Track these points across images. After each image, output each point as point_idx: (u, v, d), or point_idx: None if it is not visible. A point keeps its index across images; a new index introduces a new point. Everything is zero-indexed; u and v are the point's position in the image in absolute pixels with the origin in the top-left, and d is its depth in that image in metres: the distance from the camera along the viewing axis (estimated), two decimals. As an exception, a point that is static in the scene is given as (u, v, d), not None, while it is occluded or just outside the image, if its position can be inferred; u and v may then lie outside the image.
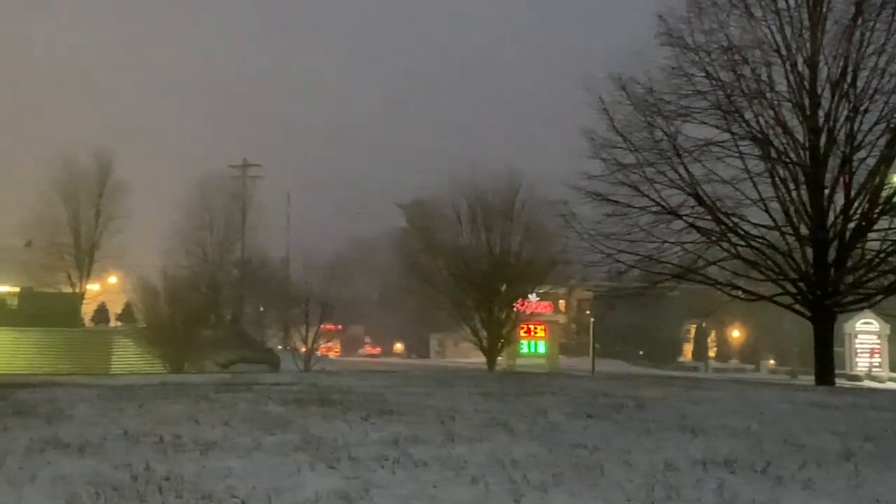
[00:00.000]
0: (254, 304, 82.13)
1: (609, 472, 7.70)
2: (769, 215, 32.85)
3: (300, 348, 66.23)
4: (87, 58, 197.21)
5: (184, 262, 76.70)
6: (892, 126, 31.40)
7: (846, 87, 31.58)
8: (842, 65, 31.47)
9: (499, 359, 51.30)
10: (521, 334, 61.87)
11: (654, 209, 33.63)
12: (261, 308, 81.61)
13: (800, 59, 31.94)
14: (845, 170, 31.95)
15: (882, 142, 31.56)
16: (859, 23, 31.16)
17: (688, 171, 32.92)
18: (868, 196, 31.98)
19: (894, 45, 31.13)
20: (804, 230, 32.21)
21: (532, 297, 55.01)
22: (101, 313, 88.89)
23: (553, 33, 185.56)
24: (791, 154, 32.28)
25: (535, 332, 67.60)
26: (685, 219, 33.57)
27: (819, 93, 31.89)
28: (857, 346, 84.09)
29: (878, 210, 32.02)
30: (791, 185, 32.31)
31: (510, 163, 52.43)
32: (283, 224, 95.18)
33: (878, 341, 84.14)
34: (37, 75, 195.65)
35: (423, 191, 72.49)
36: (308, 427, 10.22)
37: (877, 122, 31.53)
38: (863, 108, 31.50)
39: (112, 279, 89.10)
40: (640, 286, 37.23)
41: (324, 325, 66.52)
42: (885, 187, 32.01)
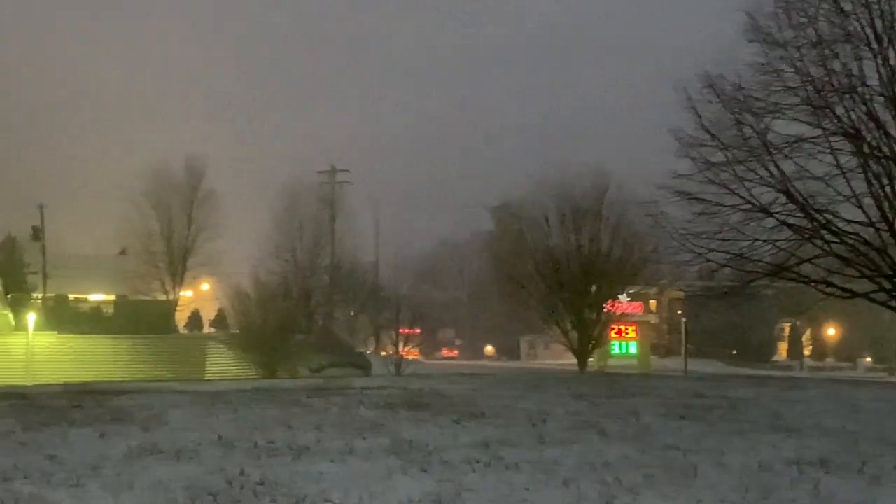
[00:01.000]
0: (344, 309, 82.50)
1: (702, 474, 7.64)
2: (863, 211, 32.28)
3: (390, 352, 66.45)
4: (177, 66, 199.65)
5: (275, 268, 77.26)
6: None
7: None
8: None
9: (590, 360, 50.92)
10: (612, 335, 61.34)
11: (744, 207, 33.20)
12: (351, 312, 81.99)
13: (891, 53, 31.36)
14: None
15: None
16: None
17: (778, 168, 32.47)
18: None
19: None
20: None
21: (623, 297, 54.58)
22: (195, 320, 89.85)
23: (640, 32, 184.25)
24: (884, 149, 31.69)
25: (627, 333, 67.02)
26: (776, 216, 33.10)
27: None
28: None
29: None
30: (885, 181, 31.73)
31: (598, 163, 51.70)
32: (372, 228, 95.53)
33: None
34: (129, 84, 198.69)
35: (511, 193, 72.41)
36: (399, 431, 10.26)
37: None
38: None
39: (204, 286, 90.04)
40: (732, 285, 36.79)
41: (401, 329, 66.66)
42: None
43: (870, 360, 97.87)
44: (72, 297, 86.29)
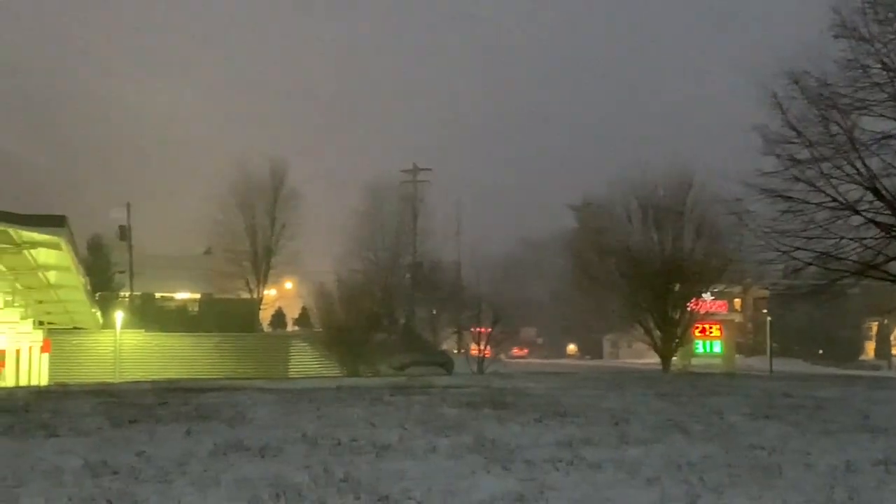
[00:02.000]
0: (426, 308, 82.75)
1: (787, 474, 7.57)
2: (953, 208, 31.76)
3: (472, 351, 66.49)
4: (258, 67, 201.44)
5: (357, 267, 77.82)
6: None
7: None
8: None
9: (673, 359, 50.57)
10: (696, 334, 60.97)
11: (830, 205, 32.79)
12: (433, 311, 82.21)
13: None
14: None
15: None
16: None
17: (865, 165, 32.01)
18: None
19: None
20: None
21: (706, 296, 54.16)
22: (279, 318, 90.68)
23: (723, 28, 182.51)
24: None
25: (711, 332, 66.62)
26: (863, 214, 32.66)
27: None
28: None
29: None
30: (976, 178, 31.19)
31: (681, 160, 51.23)
32: (454, 227, 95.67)
33: None
34: (214, 85, 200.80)
35: (594, 191, 72.15)
36: (482, 429, 10.28)
37: None
38: None
39: (288, 284, 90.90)
40: (817, 284, 36.37)
41: (475, 328, 66.61)
42: None
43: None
44: (158, 295, 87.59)
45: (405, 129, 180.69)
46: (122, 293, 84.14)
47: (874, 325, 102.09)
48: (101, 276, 77.32)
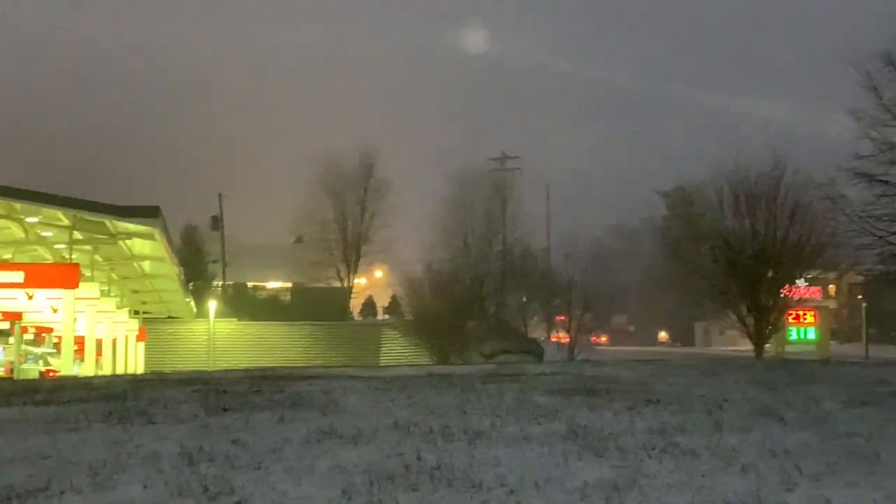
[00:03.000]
0: (516, 296, 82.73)
1: (886, 461, 7.44)
2: None
3: (562, 338, 66.36)
4: (348, 57, 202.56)
5: (446, 255, 78.05)
6: None
7: None
8: None
9: (767, 346, 50.02)
10: (790, 321, 60.31)
11: (927, 188, 32.25)
12: (523, 299, 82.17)
13: None
14: None
15: None
16: None
17: (962, 148, 31.44)
18: None
19: None
20: None
21: (800, 282, 53.49)
22: (369, 306, 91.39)
23: (815, 9, 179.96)
24: None
25: (805, 319, 65.92)
26: (963, 198, 32.07)
27: None
28: None
29: None
30: None
31: (773, 145, 50.54)
32: (544, 215, 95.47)
33: None
34: (302, 76, 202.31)
35: (685, 177, 71.54)
36: (575, 417, 10.23)
37: None
38: None
39: (378, 273, 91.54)
40: (914, 269, 35.83)
41: (559, 317, 66.40)
42: None
43: None
44: (250, 284, 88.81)
45: (494, 116, 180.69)
46: (215, 283, 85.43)
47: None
48: (195, 265, 78.55)
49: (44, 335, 43.84)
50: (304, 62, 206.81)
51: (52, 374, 35.73)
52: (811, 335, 66.77)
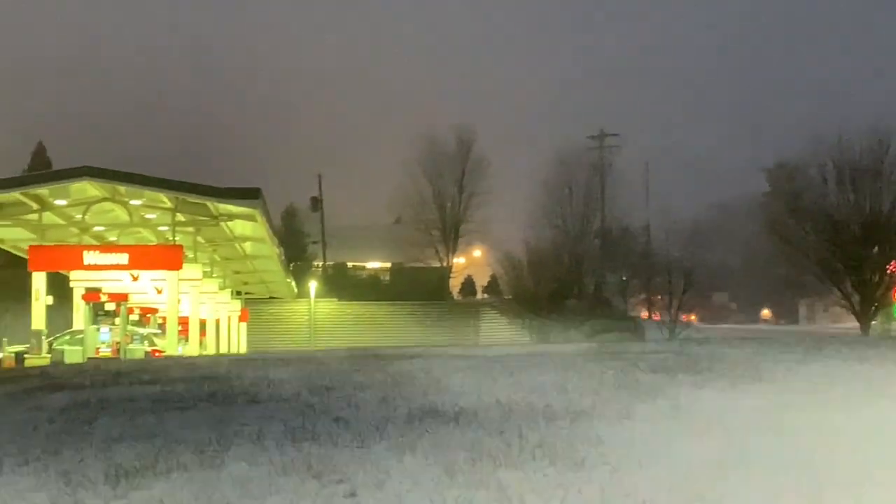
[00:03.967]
0: (616, 274, 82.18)
1: None
2: None
3: (663, 317, 65.79)
4: (444, 37, 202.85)
5: (545, 234, 77.71)
6: None
7: None
8: None
9: (872, 324, 49.13)
10: (896, 297, 59.25)
11: None
12: (623, 277, 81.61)
13: None
14: None
15: None
16: None
17: None
18: None
19: None
20: None
21: (907, 258, 52.49)
22: (468, 286, 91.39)
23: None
24: None
25: (912, 295, 64.69)
26: None
27: None
28: None
29: None
30: None
31: (877, 119, 49.50)
32: (643, 193, 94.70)
33: None
34: (401, 56, 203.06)
35: (787, 153, 70.42)
36: (678, 395, 10.15)
37: None
38: None
39: (477, 253, 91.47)
40: None
41: (664, 294, 65.68)
42: None
43: None
44: (350, 264, 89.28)
45: (592, 93, 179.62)
46: (315, 263, 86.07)
47: None
48: (295, 246, 79.24)
49: (149, 316, 44.55)
50: (402, 42, 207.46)
51: (157, 354, 36.32)
52: (918, 312, 65.55)
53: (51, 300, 38.10)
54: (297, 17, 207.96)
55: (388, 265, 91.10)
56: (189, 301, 42.15)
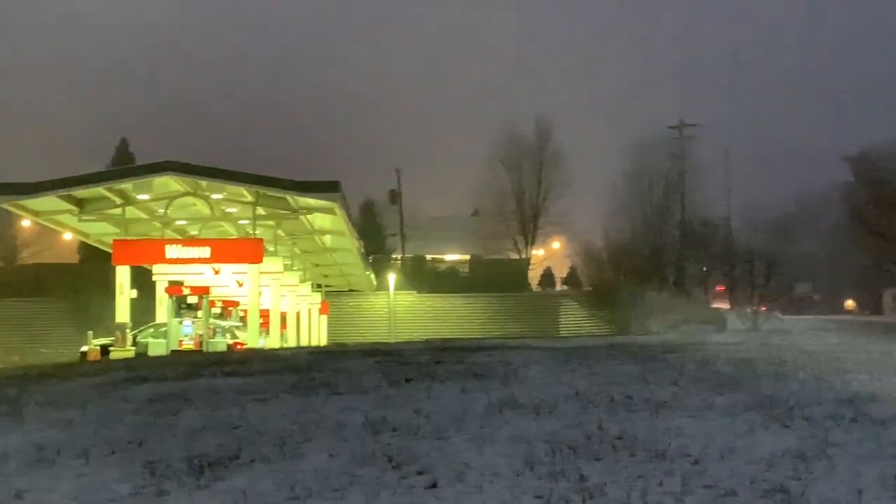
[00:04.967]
0: (696, 265, 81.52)
1: None
2: None
3: (745, 308, 65.15)
4: (524, 29, 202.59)
5: (624, 225, 77.26)
6: None
7: None
8: None
9: (959, 313, 48.34)
10: (984, 288, 58.30)
11: None
12: (703, 268, 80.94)
13: None
14: None
15: None
16: None
17: None
18: None
19: None
20: None
21: None
22: (547, 277, 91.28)
23: None
24: None
25: None
26: None
27: None
28: None
29: None
30: None
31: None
32: (724, 183, 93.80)
33: None
34: (478, 49, 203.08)
35: (871, 142, 69.40)
36: (759, 386, 10.07)
37: None
38: None
39: (555, 244, 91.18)
40: None
41: (747, 285, 64.94)
42: None
43: None
44: (428, 257, 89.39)
45: (672, 82, 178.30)
46: (394, 256, 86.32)
47: None
48: (374, 239, 79.55)
49: (230, 309, 44.97)
50: (480, 36, 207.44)
51: (239, 346, 36.65)
52: None
53: (135, 293, 38.55)
54: (376, 10, 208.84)
55: (466, 258, 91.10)
56: (270, 294, 42.48)
